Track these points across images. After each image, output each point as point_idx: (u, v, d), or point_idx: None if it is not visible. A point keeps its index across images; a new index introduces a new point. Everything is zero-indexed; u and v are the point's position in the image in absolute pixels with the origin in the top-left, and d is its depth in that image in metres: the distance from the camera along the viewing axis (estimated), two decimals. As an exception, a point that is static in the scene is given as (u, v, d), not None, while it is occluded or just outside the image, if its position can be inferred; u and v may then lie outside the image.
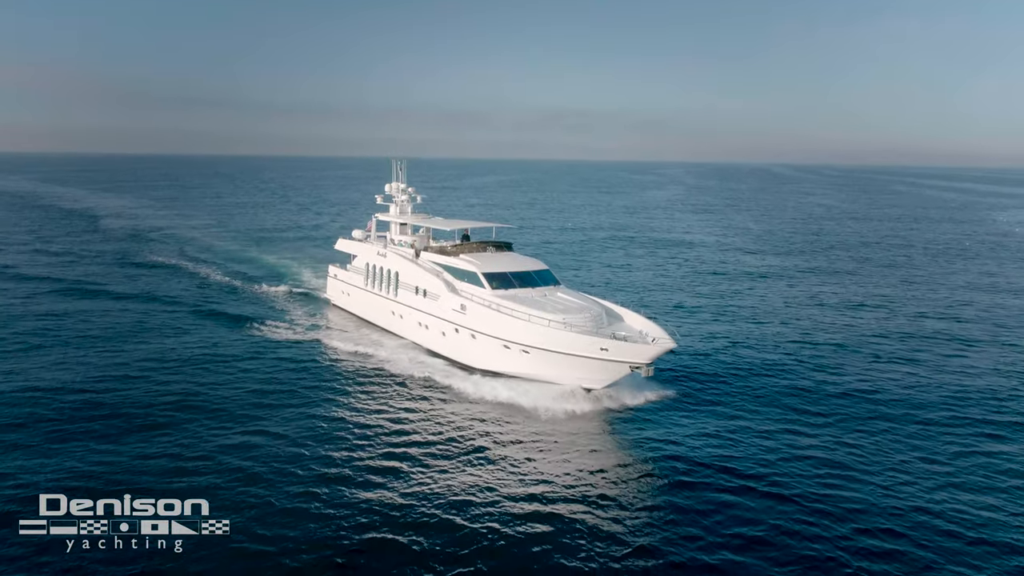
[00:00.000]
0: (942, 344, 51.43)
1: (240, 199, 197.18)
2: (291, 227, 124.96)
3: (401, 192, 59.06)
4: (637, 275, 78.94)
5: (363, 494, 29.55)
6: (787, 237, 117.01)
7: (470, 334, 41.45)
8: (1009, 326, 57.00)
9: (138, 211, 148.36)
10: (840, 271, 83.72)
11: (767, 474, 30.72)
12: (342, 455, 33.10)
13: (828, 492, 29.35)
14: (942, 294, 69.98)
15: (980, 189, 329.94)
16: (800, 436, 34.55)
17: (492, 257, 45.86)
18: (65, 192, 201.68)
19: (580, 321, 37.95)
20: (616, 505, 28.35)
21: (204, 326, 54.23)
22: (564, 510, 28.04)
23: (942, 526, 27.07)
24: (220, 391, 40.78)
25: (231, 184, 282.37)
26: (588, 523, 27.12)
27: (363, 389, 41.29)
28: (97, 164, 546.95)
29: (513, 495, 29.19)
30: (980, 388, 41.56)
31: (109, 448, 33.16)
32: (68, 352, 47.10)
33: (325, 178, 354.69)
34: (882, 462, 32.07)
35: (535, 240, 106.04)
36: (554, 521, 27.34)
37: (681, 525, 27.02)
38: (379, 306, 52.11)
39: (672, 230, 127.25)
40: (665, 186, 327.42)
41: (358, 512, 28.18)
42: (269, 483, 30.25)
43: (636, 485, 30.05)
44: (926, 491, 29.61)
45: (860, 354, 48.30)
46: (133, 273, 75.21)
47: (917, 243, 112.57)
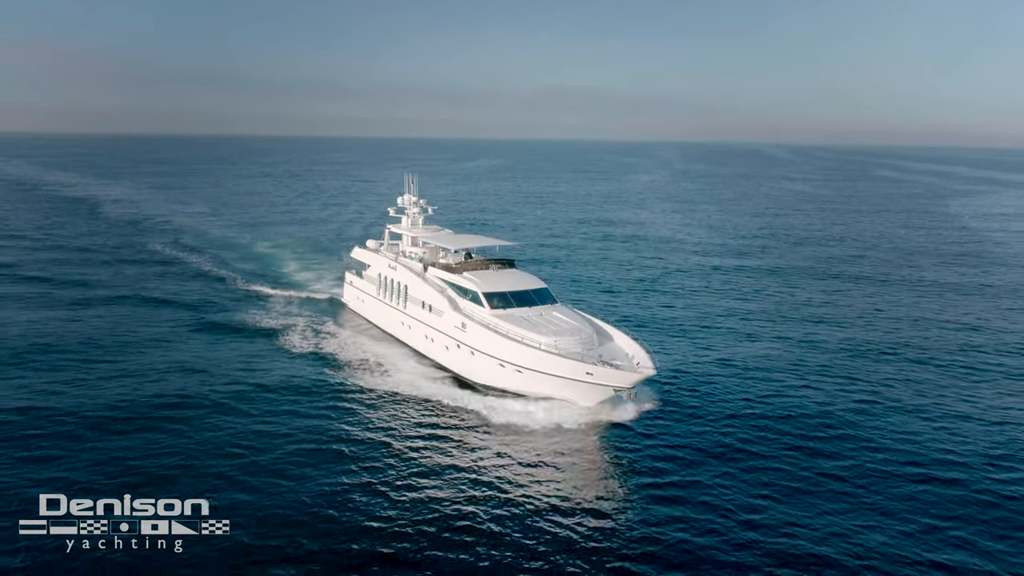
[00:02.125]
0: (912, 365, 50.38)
1: (243, 186, 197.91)
2: (293, 217, 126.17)
3: (413, 204, 60.95)
4: (575, 268, 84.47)
5: (362, 497, 30.24)
6: (738, 232, 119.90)
7: (470, 351, 43.11)
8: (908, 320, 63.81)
9: (139, 200, 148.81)
10: (769, 268, 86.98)
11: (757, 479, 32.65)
12: (343, 459, 33.74)
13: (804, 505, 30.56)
14: (851, 292, 76.01)
15: (962, 174, 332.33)
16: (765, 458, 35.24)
17: (493, 276, 47.53)
18: (67, 178, 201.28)
19: (570, 344, 39.72)
20: (608, 517, 29.28)
21: (208, 326, 55.00)
22: (554, 517, 29.15)
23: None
24: (222, 392, 41.27)
25: (232, 168, 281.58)
26: (581, 531, 28.15)
27: (368, 398, 41.86)
28: (99, 146, 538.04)
29: (507, 504, 30.08)
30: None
31: (109, 448, 33.64)
32: (69, 352, 47.76)
33: (321, 162, 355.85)
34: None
35: (510, 230, 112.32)
36: (542, 523, 28.55)
37: (664, 527, 28.50)
38: (390, 316, 54.21)
39: (631, 221, 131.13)
40: (652, 171, 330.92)
41: (358, 512, 28.88)
42: (269, 483, 30.70)
43: (627, 495, 31.20)
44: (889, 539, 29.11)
45: (790, 358, 51.57)
46: (134, 271, 75.52)
47: (858, 237, 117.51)
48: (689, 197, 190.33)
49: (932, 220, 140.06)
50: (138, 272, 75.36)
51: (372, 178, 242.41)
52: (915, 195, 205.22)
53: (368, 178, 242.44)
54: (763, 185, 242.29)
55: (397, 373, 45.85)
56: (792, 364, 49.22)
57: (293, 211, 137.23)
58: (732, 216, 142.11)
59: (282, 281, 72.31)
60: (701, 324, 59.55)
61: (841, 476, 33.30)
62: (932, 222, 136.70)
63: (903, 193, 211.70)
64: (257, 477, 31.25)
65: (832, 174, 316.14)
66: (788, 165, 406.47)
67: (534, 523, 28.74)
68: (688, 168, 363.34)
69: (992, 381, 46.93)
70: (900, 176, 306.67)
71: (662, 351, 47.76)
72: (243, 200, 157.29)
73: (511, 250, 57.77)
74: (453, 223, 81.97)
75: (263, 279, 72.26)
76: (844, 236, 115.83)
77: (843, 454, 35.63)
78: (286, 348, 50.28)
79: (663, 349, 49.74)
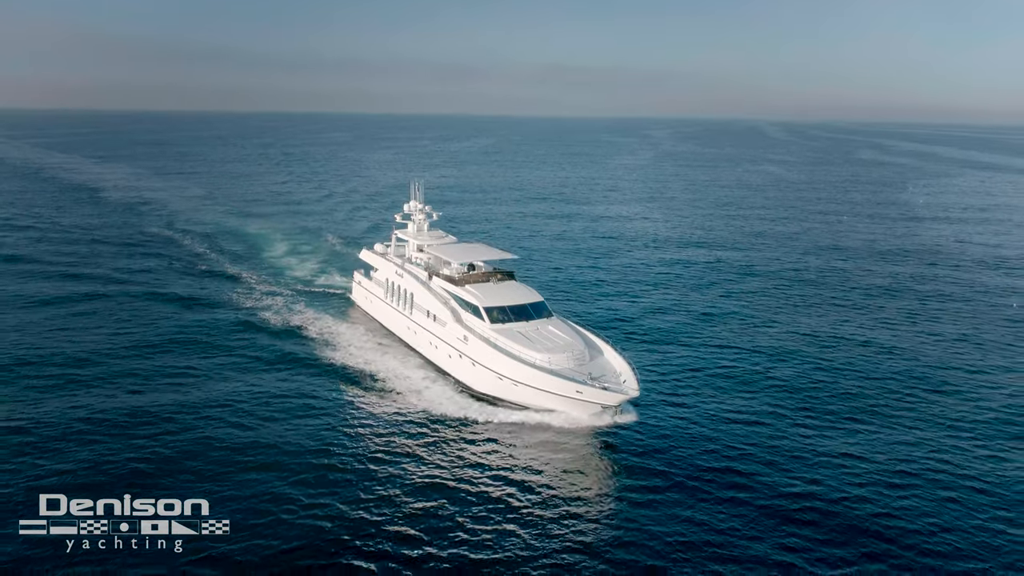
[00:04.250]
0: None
1: (244, 168, 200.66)
2: (292, 199, 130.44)
3: (418, 211, 63.44)
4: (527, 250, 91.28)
5: (363, 496, 30.73)
6: (691, 224, 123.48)
7: (471, 362, 45.65)
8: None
9: (138, 184, 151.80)
10: (709, 261, 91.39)
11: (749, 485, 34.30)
12: (343, 458, 34.14)
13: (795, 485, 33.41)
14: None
15: (940, 154, 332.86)
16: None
17: (494, 289, 50.13)
18: (69, 161, 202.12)
19: (563, 360, 42.61)
20: (594, 516, 30.57)
21: (210, 325, 55.33)
22: (548, 516, 30.37)
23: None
24: (223, 391, 41.62)
25: (236, 150, 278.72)
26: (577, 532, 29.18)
27: (369, 398, 42.72)
28: (99, 123, 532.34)
29: (507, 511, 30.88)
30: None
31: (109, 448, 33.69)
32: (69, 352, 47.93)
33: (317, 141, 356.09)
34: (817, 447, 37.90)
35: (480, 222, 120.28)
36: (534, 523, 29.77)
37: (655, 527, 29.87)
38: (397, 319, 56.82)
39: (591, 215, 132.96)
40: (637, 152, 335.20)
41: (358, 513, 29.30)
42: (269, 484, 30.96)
43: (618, 498, 32.67)
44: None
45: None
46: (136, 265, 75.60)
47: (798, 228, 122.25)
48: (663, 180, 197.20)
49: (881, 208, 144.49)
50: (139, 266, 75.90)
51: (362, 159, 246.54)
52: (881, 180, 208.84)
53: (358, 159, 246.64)
54: (739, 167, 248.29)
55: (401, 378, 47.41)
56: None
57: (298, 200, 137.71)
58: (691, 206, 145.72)
59: (286, 276, 73.49)
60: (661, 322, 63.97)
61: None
62: (880, 210, 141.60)
63: (871, 178, 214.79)
64: (258, 477, 31.48)
65: (813, 156, 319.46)
66: (776, 146, 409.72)
67: (523, 524, 29.70)
68: (675, 149, 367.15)
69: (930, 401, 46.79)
70: (879, 157, 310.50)
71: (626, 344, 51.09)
72: (251, 190, 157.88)
73: (511, 262, 59.31)
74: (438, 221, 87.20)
75: (271, 275, 73.15)
76: (786, 227, 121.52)
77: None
78: (288, 347, 51.04)
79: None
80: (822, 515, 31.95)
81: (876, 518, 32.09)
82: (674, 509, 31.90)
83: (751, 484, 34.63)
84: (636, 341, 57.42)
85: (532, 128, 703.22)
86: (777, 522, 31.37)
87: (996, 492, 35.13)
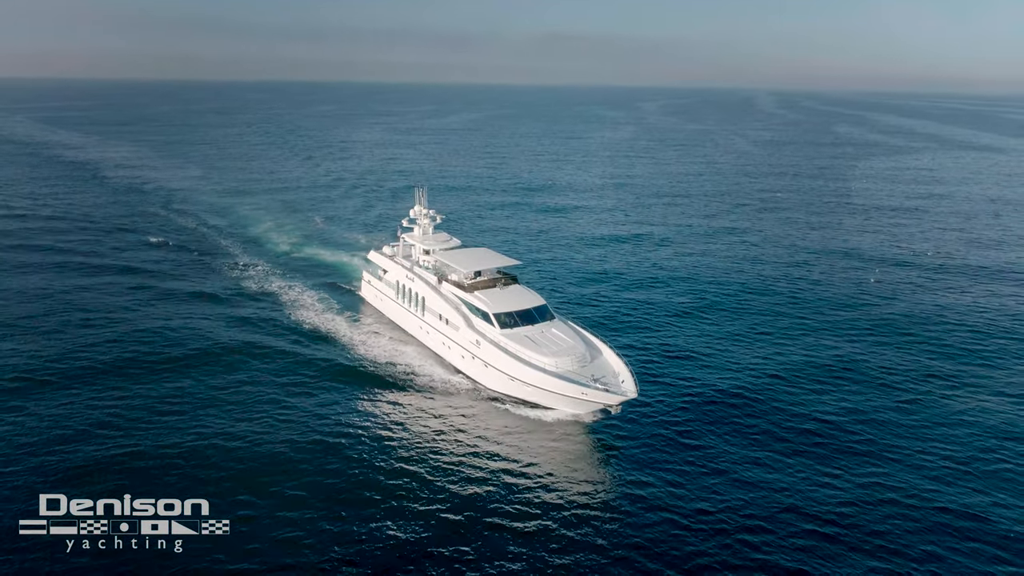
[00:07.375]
0: None
1: (251, 150, 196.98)
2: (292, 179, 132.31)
3: (424, 216, 65.96)
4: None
5: (363, 494, 30.83)
6: (643, 204, 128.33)
7: (483, 363, 48.62)
8: None
9: (140, 163, 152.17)
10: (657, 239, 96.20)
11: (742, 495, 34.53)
12: (343, 458, 34.13)
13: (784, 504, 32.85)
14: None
15: (916, 129, 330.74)
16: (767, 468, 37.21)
17: (501, 294, 52.69)
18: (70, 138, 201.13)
19: (567, 364, 45.31)
20: (597, 508, 31.49)
21: (213, 324, 55.00)
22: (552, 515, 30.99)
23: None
24: (224, 391, 41.58)
25: (246, 129, 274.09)
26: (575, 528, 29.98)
27: (370, 399, 42.86)
28: (103, 94, 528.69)
29: (511, 511, 31.38)
30: None
31: (110, 448, 33.42)
32: (69, 352, 47.56)
33: (311, 115, 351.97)
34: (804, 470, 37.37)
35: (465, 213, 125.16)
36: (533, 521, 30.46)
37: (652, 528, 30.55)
38: (409, 320, 59.52)
39: (552, 189, 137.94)
40: (621, 126, 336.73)
41: (358, 513, 29.33)
42: (269, 484, 30.88)
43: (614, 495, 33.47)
44: None
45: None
46: (141, 257, 75.30)
47: (736, 204, 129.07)
48: (634, 155, 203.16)
49: (821, 183, 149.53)
50: (141, 261, 74.97)
51: (352, 138, 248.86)
52: (838, 155, 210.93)
53: (347, 138, 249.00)
54: (716, 139, 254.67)
55: (411, 376, 49.01)
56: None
57: (306, 184, 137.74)
58: (652, 182, 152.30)
59: (297, 267, 74.47)
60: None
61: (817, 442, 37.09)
62: (817, 184, 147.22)
63: (831, 153, 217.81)
64: (258, 477, 31.42)
65: (789, 129, 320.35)
66: (761, 118, 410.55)
67: (525, 518, 30.40)
68: (659, 122, 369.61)
69: None
70: (850, 131, 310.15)
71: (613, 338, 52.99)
72: (257, 176, 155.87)
73: (513, 267, 60.49)
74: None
75: (278, 268, 74.01)
76: (724, 202, 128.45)
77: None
78: (290, 347, 51.01)
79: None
80: (821, 515, 32.52)
81: (882, 526, 32.70)
82: (669, 503, 32.98)
83: (750, 482, 35.39)
84: (614, 334, 58.32)
85: (521, 99, 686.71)
86: (772, 521, 32.22)
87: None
